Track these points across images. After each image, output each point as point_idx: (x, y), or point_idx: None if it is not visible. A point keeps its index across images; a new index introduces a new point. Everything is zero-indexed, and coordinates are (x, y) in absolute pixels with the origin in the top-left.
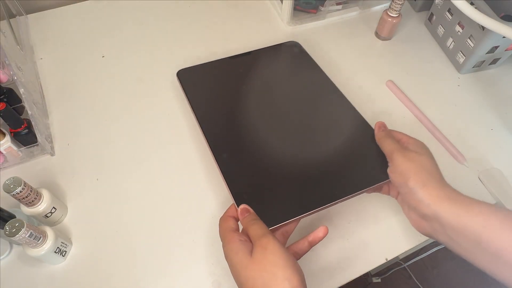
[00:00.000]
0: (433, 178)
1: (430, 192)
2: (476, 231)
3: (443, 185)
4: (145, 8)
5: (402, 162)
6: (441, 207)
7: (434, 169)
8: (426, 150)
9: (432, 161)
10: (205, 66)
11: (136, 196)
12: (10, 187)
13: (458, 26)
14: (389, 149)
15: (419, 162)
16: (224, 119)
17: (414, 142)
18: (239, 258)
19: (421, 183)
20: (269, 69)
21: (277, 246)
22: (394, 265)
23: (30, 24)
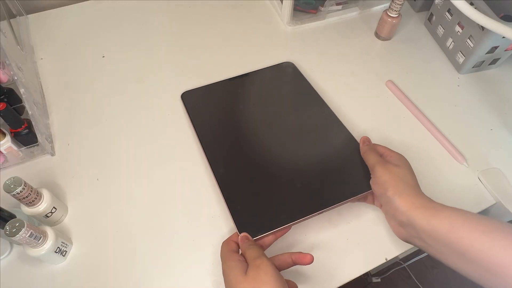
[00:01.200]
0: (409, 188)
1: (406, 200)
2: (445, 234)
3: (418, 194)
4: (145, 8)
5: (382, 174)
6: (414, 214)
7: (411, 180)
8: (405, 163)
9: (410, 172)
10: (206, 88)
11: (136, 196)
12: (11, 187)
13: (457, 26)
14: (372, 162)
15: (397, 174)
16: (222, 138)
17: (395, 156)
18: (234, 274)
19: (398, 192)
20: (264, 90)
21: (270, 267)
22: (394, 265)
23: (30, 24)
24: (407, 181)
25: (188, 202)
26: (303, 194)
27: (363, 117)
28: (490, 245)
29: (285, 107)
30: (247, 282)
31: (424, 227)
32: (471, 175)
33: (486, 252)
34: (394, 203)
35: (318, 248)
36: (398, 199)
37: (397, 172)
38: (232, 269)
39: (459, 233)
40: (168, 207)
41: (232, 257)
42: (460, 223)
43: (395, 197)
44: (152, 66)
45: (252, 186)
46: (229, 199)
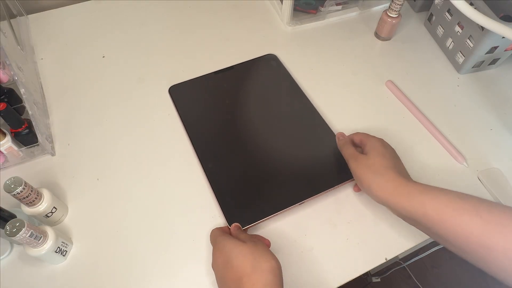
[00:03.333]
0: (379, 175)
1: (378, 189)
2: (419, 218)
3: (389, 180)
4: (145, 8)
5: (354, 168)
6: (389, 200)
7: (381, 167)
8: (377, 148)
9: (381, 158)
10: (193, 81)
11: (136, 196)
12: (11, 187)
13: (457, 27)
14: (346, 157)
15: (367, 165)
16: (209, 131)
17: (368, 143)
18: (231, 242)
19: (368, 185)
20: (248, 82)
21: (265, 245)
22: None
23: (30, 24)
24: (377, 169)
25: (187, 201)
26: (288, 185)
27: (363, 117)
28: (458, 223)
29: (268, 102)
30: (248, 247)
31: (400, 212)
32: (471, 175)
33: (455, 232)
34: (370, 194)
35: (318, 248)
36: (371, 190)
37: (366, 163)
38: (229, 239)
39: (434, 220)
40: (168, 207)
41: (225, 234)
42: (432, 210)
43: (369, 189)
44: (152, 66)
45: (239, 178)
46: (218, 192)
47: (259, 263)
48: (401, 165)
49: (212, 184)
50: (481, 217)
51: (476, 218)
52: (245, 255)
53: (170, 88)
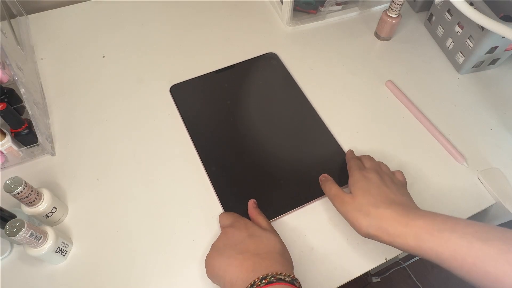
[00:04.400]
0: (372, 219)
1: (377, 235)
2: (433, 259)
3: (382, 220)
4: (145, 8)
5: (343, 212)
6: (394, 244)
7: (370, 208)
8: (360, 187)
9: (367, 198)
10: (194, 80)
11: (136, 196)
12: (11, 187)
13: (457, 27)
14: (330, 198)
15: (354, 208)
16: (210, 130)
17: (350, 180)
18: (246, 222)
19: (365, 231)
20: (249, 81)
21: (276, 234)
22: (394, 265)
23: (30, 24)
24: (367, 210)
25: (188, 202)
26: (289, 188)
27: (363, 117)
28: (484, 271)
29: (268, 100)
30: (275, 235)
31: (410, 251)
32: (471, 175)
33: (481, 277)
34: (372, 238)
35: (318, 248)
36: (370, 235)
37: (353, 205)
38: (251, 225)
39: (449, 262)
40: (168, 207)
41: (245, 219)
42: (449, 252)
43: (368, 234)
44: (152, 66)
45: (241, 179)
46: (219, 192)
47: (288, 259)
48: (392, 190)
49: (214, 184)
50: (510, 263)
51: (506, 266)
52: (276, 242)
53: (171, 88)
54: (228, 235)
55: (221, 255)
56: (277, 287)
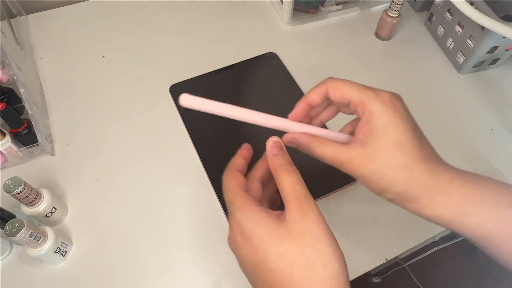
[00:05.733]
0: (395, 170)
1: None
2: (443, 223)
3: (396, 180)
4: (145, 8)
5: (372, 118)
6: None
7: (401, 156)
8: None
9: (407, 133)
10: (194, 80)
11: (136, 196)
12: (11, 187)
13: (458, 26)
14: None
15: (388, 136)
16: (210, 129)
17: (373, 118)
18: (265, 228)
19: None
20: (249, 81)
21: (321, 216)
22: (394, 265)
23: (30, 24)
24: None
25: (187, 202)
26: None
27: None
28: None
29: (268, 99)
30: (293, 237)
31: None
32: None
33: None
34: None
35: None
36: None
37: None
38: (257, 222)
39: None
40: (168, 207)
41: (248, 200)
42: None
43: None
44: (152, 65)
45: None
46: (220, 192)
47: (313, 268)
48: (422, 134)
49: (214, 184)
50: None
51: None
52: (290, 255)
53: (171, 87)
54: (232, 238)
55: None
56: None
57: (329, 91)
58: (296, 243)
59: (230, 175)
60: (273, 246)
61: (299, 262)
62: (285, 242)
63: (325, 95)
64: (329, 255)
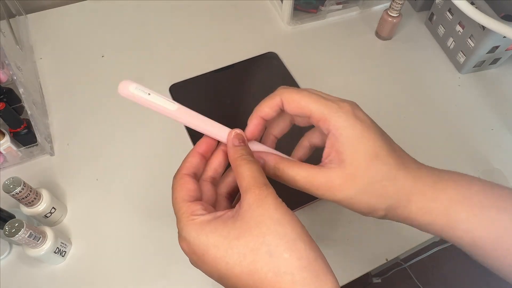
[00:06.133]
0: (380, 182)
1: (374, 206)
2: (435, 231)
3: (385, 195)
4: (145, 8)
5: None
6: (388, 218)
7: (380, 165)
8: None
9: (379, 142)
10: (194, 80)
11: (136, 196)
12: (10, 187)
13: (458, 26)
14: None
15: (362, 149)
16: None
17: (337, 131)
18: (219, 235)
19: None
20: (249, 81)
21: (279, 200)
22: (395, 265)
23: (29, 24)
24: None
25: None
26: (289, 189)
27: None
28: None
29: None
30: (249, 232)
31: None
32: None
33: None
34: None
35: None
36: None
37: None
38: (206, 232)
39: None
40: (168, 207)
41: (192, 213)
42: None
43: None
44: (152, 65)
45: None
46: None
47: (278, 255)
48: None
49: None
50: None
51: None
52: (251, 251)
53: (171, 87)
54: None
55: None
56: None
57: (284, 103)
58: (255, 235)
59: (176, 183)
60: (231, 249)
61: (262, 255)
62: (242, 239)
63: (279, 107)
64: (292, 235)
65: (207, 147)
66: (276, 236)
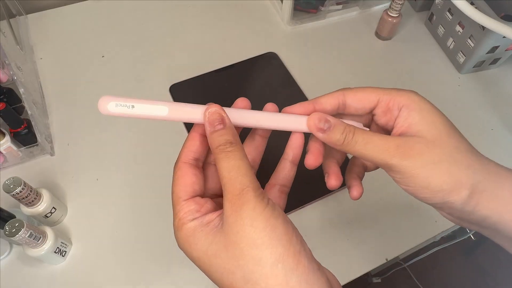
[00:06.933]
0: (465, 153)
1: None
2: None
3: (472, 167)
4: (145, 8)
5: (412, 171)
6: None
7: (461, 138)
8: (437, 119)
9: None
10: (194, 80)
11: (136, 196)
12: (10, 187)
13: (458, 26)
14: (373, 155)
15: (438, 120)
16: None
17: (412, 112)
18: (201, 248)
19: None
20: (249, 81)
21: (258, 210)
22: (395, 265)
23: (30, 24)
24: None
25: None
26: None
27: None
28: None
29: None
30: (226, 251)
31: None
32: None
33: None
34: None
35: (318, 248)
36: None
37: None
38: (190, 244)
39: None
40: (167, 207)
41: (185, 214)
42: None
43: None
44: (152, 65)
45: None
46: None
47: (253, 283)
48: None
49: None
50: None
51: None
52: (228, 273)
53: (171, 87)
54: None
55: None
56: None
57: (346, 96)
58: (230, 256)
59: (174, 175)
60: (211, 266)
61: (237, 279)
62: (219, 259)
63: (340, 103)
64: (270, 259)
65: None
66: (250, 261)
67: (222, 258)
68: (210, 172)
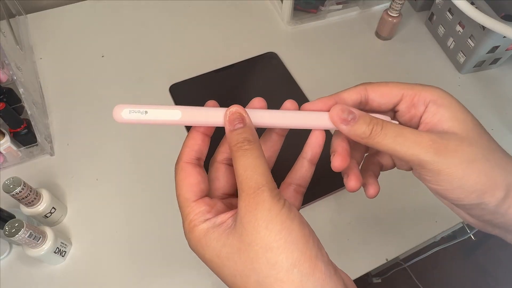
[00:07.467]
0: (495, 152)
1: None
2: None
3: (506, 168)
4: (145, 8)
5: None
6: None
7: (489, 137)
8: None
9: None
10: (194, 80)
11: (136, 196)
12: (10, 187)
13: (458, 26)
14: (410, 153)
15: (467, 119)
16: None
17: (442, 108)
18: (213, 249)
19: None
20: (249, 80)
21: (274, 211)
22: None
23: (29, 24)
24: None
25: None
26: None
27: None
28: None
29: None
30: (239, 253)
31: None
32: None
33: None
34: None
35: None
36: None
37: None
38: (203, 247)
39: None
40: (167, 207)
41: (195, 216)
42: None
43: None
44: (152, 65)
45: None
46: None
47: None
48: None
49: None
50: None
51: None
52: (241, 277)
53: (171, 87)
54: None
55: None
56: None
57: (369, 91)
58: (244, 259)
59: (177, 176)
60: (224, 268)
61: (251, 283)
62: (232, 261)
63: (362, 97)
64: (285, 263)
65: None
66: (265, 265)
67: (235, 260)
68: (220, 171)
